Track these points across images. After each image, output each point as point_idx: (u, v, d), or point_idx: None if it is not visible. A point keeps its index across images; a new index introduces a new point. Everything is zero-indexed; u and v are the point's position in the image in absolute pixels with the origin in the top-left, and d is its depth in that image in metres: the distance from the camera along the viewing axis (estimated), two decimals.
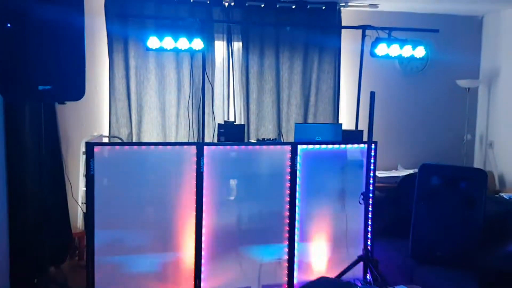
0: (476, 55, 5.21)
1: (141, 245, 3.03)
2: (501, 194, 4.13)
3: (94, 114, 4.38)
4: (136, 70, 4.34)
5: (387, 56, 3.82)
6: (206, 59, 3.88)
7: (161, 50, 3.38)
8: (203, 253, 3.10)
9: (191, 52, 3.92)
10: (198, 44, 3.40)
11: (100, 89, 4.36)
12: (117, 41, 4.27)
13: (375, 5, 4.66)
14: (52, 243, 3.18)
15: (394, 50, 3.77)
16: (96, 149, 2.86)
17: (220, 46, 4.56)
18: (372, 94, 3.20)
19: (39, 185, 3.02)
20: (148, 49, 3.37)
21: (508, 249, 2.90)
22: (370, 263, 3.24)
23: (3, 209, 3.00)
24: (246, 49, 4.57)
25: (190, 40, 3.37)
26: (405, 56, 3.82)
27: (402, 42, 3.78)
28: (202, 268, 3.10)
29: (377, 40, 3.80)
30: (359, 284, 2.46)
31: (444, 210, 3.15)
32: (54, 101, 3.03)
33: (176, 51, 3.45)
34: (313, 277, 3.03)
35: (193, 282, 3.09)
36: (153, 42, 3.34)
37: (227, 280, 3.20)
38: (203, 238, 3.10)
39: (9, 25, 2.37)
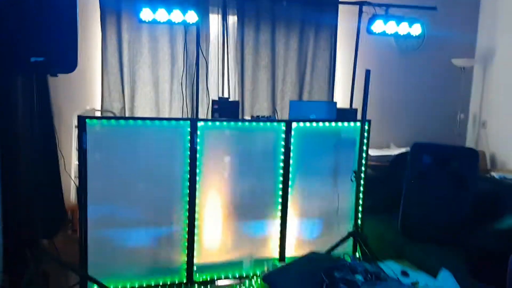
0: (473, 34, 5.18)
1: (134, 219, 3.05)
2: (492, 173, 4.18)
3: (87, 87, 4.33)
4: (129, 44, 4.27)
5: (383, 33, 3.78)
6: (200, 33, 3.81)
7: (154, 22, 3.31)
8: (196, 227, 3.13)
9: (185, 25, 3.85)
10: (192, 16, 3.33)
11: (92, 62, 4.30)
12: (110, 14, 4.18)
13: None
14: (45, 216, 3.18)
15: (391, 27, 3.73)
16: (88, 122, 2.84)
17: (215, 20, 4.49)
18: (368, 72, 3.18)
19: (31, 158, 3.00)
20: (140, 21, 3.31)
21: (496, 228, 2.95)
22: (360, 238, 3.29)
23: None
24: (241, 24, 4.50)
25: (184, 12, 3.30)
26: (402, 34, 3.79)
27: (399, 19, 3.75)
28: (195, 243, 3.14)
29: (374, 17, 3.76)
30: (349, 259, 2.50)
31: (435, 188, 3.19)
32: (47, 73, 2.99)
33: (170, 23, 3.39)
34: (303, 252, 3.08)
35: (186, 256, 3.13)
36: (146, 14, 3.27)
37: (219, 254, 3.24)
38: (196, 213, 3.12)
39: None
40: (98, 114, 4.22)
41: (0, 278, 2.91)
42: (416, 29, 3.78)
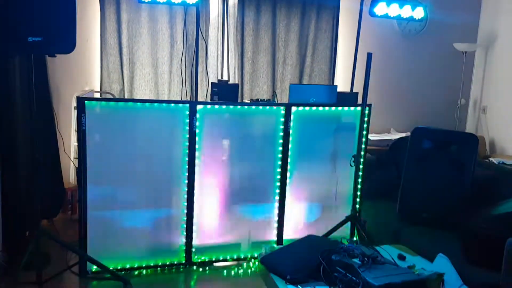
0: (475, 18, 5.13)
1: (134, 200, 3.06)
2: (491, 159, 4.19)
3: (86, 68, 4.30)
4: (128, 24, 4.22)
5: (386, 16, 3.73)
6: (200, 13, 3.76)
7: (153, 2, 3.27)
8: (194, 209, 3.14)
9: (185, 6, 3.79)
10: None
11: (91, 43, 4.26)
12: None
13: None
14: (44, 197, 3.20)
15: (394, 9, 3.68)
16: (87, 104, 2.83)
17: (215, 1, 4.43)
18: (369, 56, 3.15)
19: (30, 139, 3.00)
20: (140, 1, 3.26)
21: (492, 213, 2.96)
22: (358, 223, 3.31)
23: None
24: (242, 4, 4.45)
25: None
26: (404, 17, 3.74)
27: (402, 2, 3.69)
28: (193, 224, 3.16)
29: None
30: (346, 243, 2.52)
31: (433, 173, 3.19)
32: (45, 53, 2.96)
33: (169, 4, 3.34)
34: (301, 235, 3.09)
35: (184, 238, 3.15)
36: None
37: (217, 236, 3.27)
38: (195, 195, 3.13)
39: None
40: (97, 95, 4.20)
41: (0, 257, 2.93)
42: (418, 12, 3.73)
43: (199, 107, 3.07)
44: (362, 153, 3.40)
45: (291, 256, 2.55)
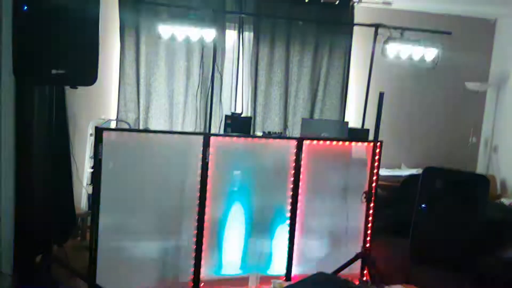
0: (487, 58, 5.19)
1: (144, 230, 3.08)
2: (502, 200, 4.15)
3: (103, 97, 4.40)
4: (147, 56, 4.34)
5: (398, 56, 3.81)
6: (216, 48, 3.87)
7: (172, 38, 3.39)
8: (204, 241, 3.15)
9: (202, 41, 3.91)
10: (209, 34, 3.40)
11: (109, 73, 4.38)
12: (129, 27, 4.26)
13: (388, 3, 4.63)
14: (56, 222, 3.23)
15: (406, 50, 3.76)
16: (105, 134, 2.89)
17: (231, 35, 4.56)
18: (381, 95, 3.20)
19: (46, 165, 3.06)
20: (159, 37, 3.38)
21: (504, 256, 2.93)
22: (368, 260, 3.28)
23: (10, 187, 3.04)
24: (257, 40, 4.57)
25: (202, 30, 3.37)
26: (416, 57, 3.81)
27: (414, 43, 3.77)
28: (202, 256, 3.16)
29: (389, 40, 3.79)
30: (356, 282, 2.50)
31: (444, 213, 3.18)
32: (66, 85, 3.06)
33: (188, 40, 3.46)
34: (311, 271, 3.07)
35: (193, 269, 3.15)
36: (165, 30, 3.35)
37: (226, 268, 3.25)
38: (205, 227, 3.14)
39: (25, 8, 2.39)
40: (113, 123, 4.28)
41: (9, 282, 2.95)
42: (431, 54, 3.80)
43: (212, 138, 3.12)
44: (374, 189, 3.40)
45: None
